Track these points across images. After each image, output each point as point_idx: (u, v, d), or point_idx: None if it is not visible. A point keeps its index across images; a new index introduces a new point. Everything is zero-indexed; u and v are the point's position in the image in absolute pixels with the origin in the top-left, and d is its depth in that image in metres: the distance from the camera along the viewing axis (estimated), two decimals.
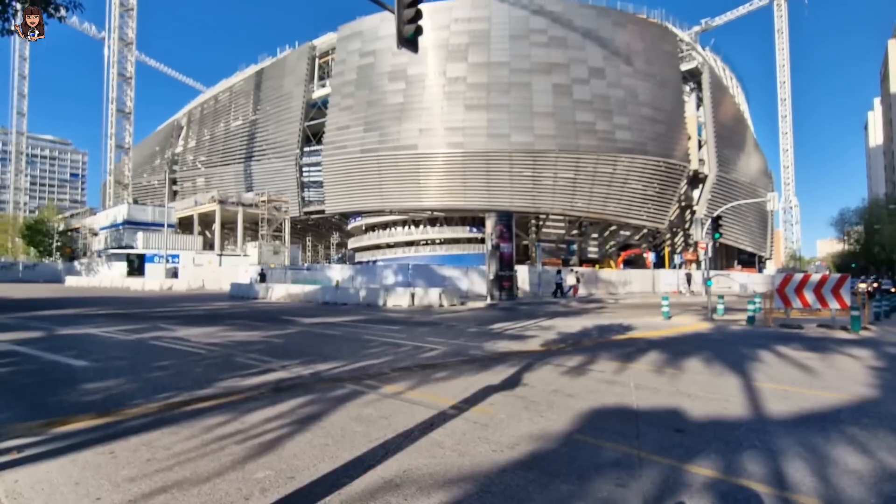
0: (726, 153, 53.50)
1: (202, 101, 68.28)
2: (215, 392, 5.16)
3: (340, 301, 21.47)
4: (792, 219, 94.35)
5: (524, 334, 10.71)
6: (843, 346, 9.24)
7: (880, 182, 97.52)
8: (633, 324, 13.19)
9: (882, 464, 3.40)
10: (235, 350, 8.01)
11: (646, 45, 48.78)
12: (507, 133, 44.17)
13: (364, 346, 8.74)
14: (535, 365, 6.93)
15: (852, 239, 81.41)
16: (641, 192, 46.54)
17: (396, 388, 5.44)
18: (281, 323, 12.67)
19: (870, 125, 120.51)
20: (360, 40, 50.06)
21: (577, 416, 4.43)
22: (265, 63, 59.87)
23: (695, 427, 4.18)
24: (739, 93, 67.53)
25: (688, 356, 7.89)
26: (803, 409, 4.77)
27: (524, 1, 47.28)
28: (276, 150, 55.11)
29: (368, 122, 48.04)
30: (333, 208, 51.66)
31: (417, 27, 7.19)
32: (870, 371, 6.87)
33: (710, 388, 5.64)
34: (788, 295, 13.03)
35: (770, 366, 7.16)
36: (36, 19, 6.17)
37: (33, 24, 6.14)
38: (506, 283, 23.64)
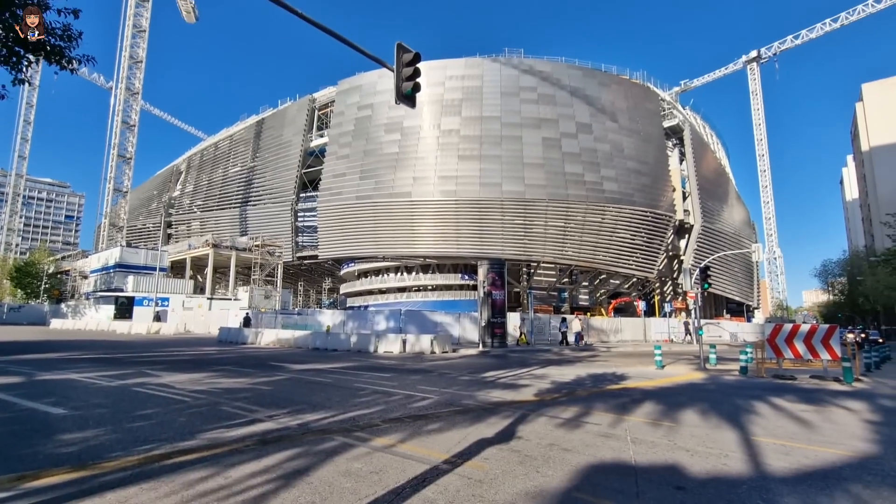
0: (710, 204, 55.03)
1: (203, 147, 69.73)
2: (198, 444, 4.96)
3: (331, 347, 21.07)
4: (777, 269, 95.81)
5: (518, 383, 10.52)
6: (838, 399, 9.17)
7: (859, 234, 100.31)
8: (627, 373, 13.03)
9: None
10: (221, 398, 7.76)
11: (629, 104, 51.23)
12: (498, 182, 45.27)
13: (354, 394, 8.52)
14: (529, 416, 6.78)
15: (836, 290, 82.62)
16: (630, 242, 47.31)
17: (387, 440, 5.28)
18: (269, 369, 12.34)
19: (845, 180, 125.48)
20: (359, 94, 52.10)
21: (574, 473, 4.30)
22: (266, 113, 61.78)
23: (695, 485, 4.07)
24: (719, 148, 70.40)
25: (684, 408, 7.77)
26: (804, 465, 4.68)
27: (514, 61, 49.93)
28: (273, 196, 55.80)
29: (364, 170, 49.11)
30: (327, 254, 51.71)
31: (415, 84, 7.55)
32: (867, 425, 6.80)
33: (709, 442, 5.53)
34: (779, 345, 13.04)
35: (767, 419, 7.06)
36: (36, 19, 6.26)
37: (33, 24, 6.22)
38: (498, 329, 23.43)
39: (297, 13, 6.98)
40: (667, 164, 52.51)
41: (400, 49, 7.60)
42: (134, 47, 56.20)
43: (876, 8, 75.99)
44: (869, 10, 76.58)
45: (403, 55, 7.54)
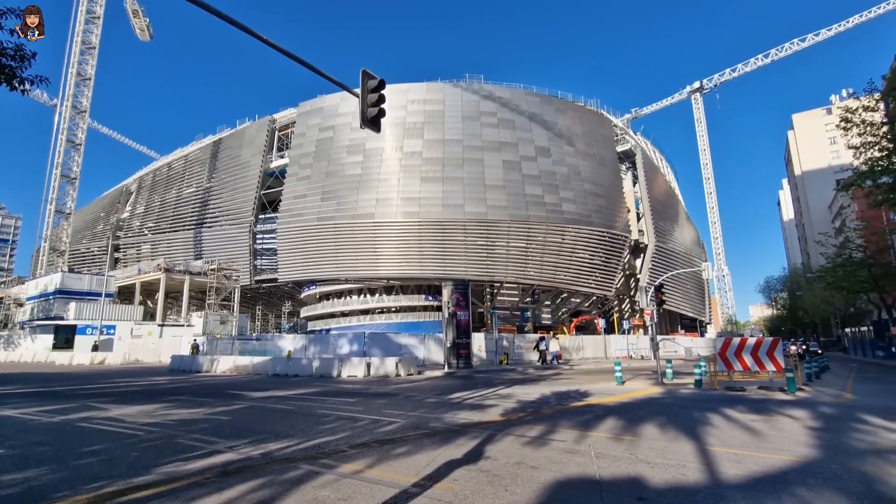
0: (662, 225, 57.78)
1: (155, 167, 67.08)
2: (155, 479, 4.72)
3: (292, 372, 20.41)
4: (725, 286, 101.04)
5: (484, 403, 10.56)
6: (783, 408, 9.74)
7: (797, 252, 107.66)
8: (590, 389, 13.34)
9: None
10: (177, 430, 7.39)
11: (585, 129, 53.61)
12: (461, 204, 45.90)
13: (319, 421, 8.31)
14: (496, 436, 6.83)
15: (779, 304, 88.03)
16: (589, 261, 48.81)
17: (355, 466, 5.19)
18: (227, 398, 11.84)
19: (782, 202, 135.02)
20: (320, 116, 51.95)
21: (542, 489, 4.39)
22: (224, 133, 60.36)
23: (656, 495, 4.24)
24: (669, 171, 74.43)
25: (643, 422, 8.04)
26: (754, 472, 4.96)
27: (475, 87, 51.41)
28: (230, 218, 54.13)
29: (326, 191, 48.63)
30: (287, 276, 50.40)
31: (380, 110, 7.71)
32: (809, 431, 7.26)
33: (668, 453, 5.76)
34: (730, 358, 13.75)
35: (720, 429, 7.41)
36: (36, 19, 6.07)
37: (33, 24, 6.05)
38: (463, 350, 23.45)
39: (259, 37, 6.99)
40: (621, 186, 54.93)
41: (365, 75, 7.76)
42: (82, 64, 53.90)
43: (801, 46, 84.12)
44: (795, 48, 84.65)
45: (369, 81, 7.70)
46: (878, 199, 19.44)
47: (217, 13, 6.11)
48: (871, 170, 18.42)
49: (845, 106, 19.62)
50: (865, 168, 18.69)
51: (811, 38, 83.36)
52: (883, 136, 18.51)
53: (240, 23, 6.43)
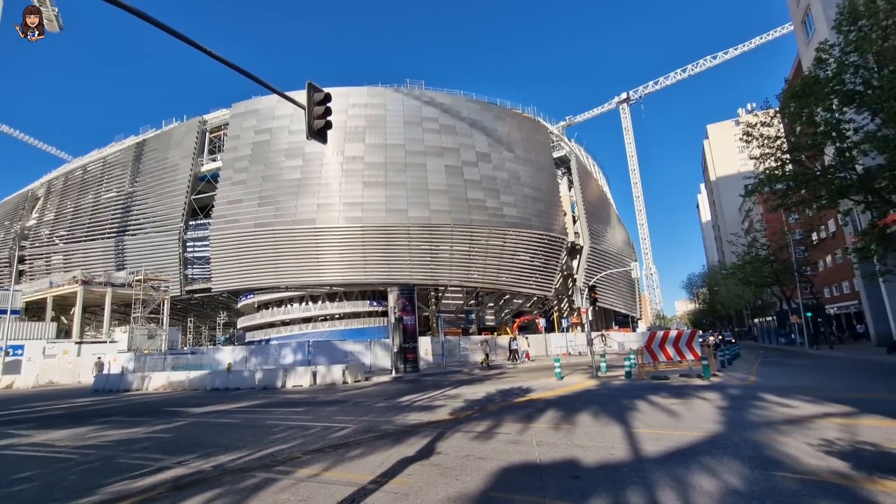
0: (596, 227, 61.14)
1: (68, 170, 61.28)
2: (102, 499, 4.64)
3: (233, 386, 19.67)
4: (653, 283, 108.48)
5: (433, 404, 10.91)
6: (699, 392, 10.90)
7: (714, 251, 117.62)
8: (532, 386, 14.09)
9: (726, 483, 4.26)
10: (116, 450, 7.10)
11: (523, 136, 55.68)
12: (404, 208, 46.06)
13: (268, 431, 8.28)
14: (446, 433, 7.21)
15: (700, 299, 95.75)
16: (529, 263, 50.67)
17: (311, 470, 5.36)
18: (166, 415, 11.34)
19: (700, 205, 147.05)
20: (256, 118, 50.07)
21: (489, 476, 4.81)
22: (148, 134, 56.40)
23: (588, 473, 4.80)
24: (601, 176, 78.88)
25: (579, 412, 8.75)
26: (670, 447, 5.68)
27: (416, 92, 51.86)
28: (157, 225, 50.67)
29: (263, 196, 46.92)
30: (222, 286, 47.99)
31: (327, 122, 7.86)
32: (718, 410, 8.27)
33: (599, 438, 6.41)
34: (655, 350, 15.06)
35: (645, 413, 8.25)
36: (36, 19, 6.01)
37: (33, 24, 5.99)
38: (410, 354, 23.68)
39: (187, 40, 6.84)
40: (558, 190, 57.53)
41: (311, 88, 7.88)
42: None
43: (713, 62, 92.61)
44: (708, 64, 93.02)
45: (315, 94, 7.83)
46: (774, 203, 22.00)
47: (133, 11, 5.87)
48: (768, 178, 20.81)
49: (746, 122, 22.07)
50: (764, 176, 21.10)
51: (721, 55, 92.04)
52: (777, 148, 21.01)
53: (157, 20, 6.20)
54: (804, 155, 20.29)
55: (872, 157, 17.95)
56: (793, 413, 7.65)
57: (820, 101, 18.26)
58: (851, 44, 17.42)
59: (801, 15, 31.06)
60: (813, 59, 19.66)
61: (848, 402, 8.41)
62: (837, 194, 19.37)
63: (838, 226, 36.37)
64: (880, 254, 19.20)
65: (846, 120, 18.34)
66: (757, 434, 6.19)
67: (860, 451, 5.09)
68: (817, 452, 5.11)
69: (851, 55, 17.68)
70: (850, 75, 17.78)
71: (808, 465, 4.67)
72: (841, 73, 17.86)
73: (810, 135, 19.28)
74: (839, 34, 18.08)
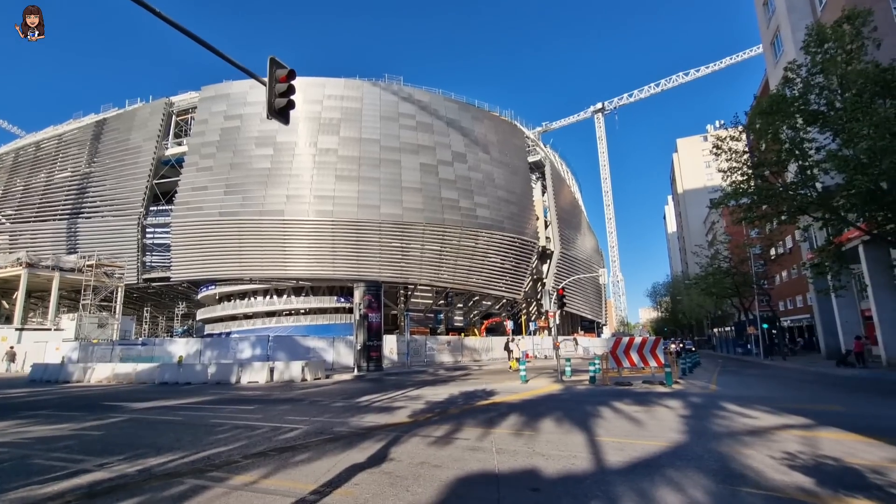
0: (567, 233, 61.90)
1: (19, 146, 57.55)
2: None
3: (184, 380, 18.66)
4: (619, 290, 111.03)
5: (392, 406, 10.48)
6: (661, 399, 10.86)
7: (678, 261, 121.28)
8: (496, 388, 13.83)
9: (692, 499, 4.02)
10: (33, 449, 6.38)
11: (499, 138, 55.75)
12: (377, 204, 45.29)
13: (210, 431, 7.67)
14: (403, 438, 6.81)
15: (663, 307, 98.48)
16: (500, 266, 50.75)
17: (248, 477, 4.86)
18: (102, 410, 10.49)
19: (667, 216, 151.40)
20: (226, 103, 48.27)
21: (442, 487, 4.43)
22: (109, 113, 53.56)
23: (549, 485, 4.49)
24: (574, 183, 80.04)
25: (542, 417, 8.50)
26: (633, 458, 5.45)
27: (394, 88, 51.14)
28: (115, 208, 48.12)
29: (231, 184, 45.25)
30: (182, 275, 46.00)
31: (289, 101, 7.33)
32: (681, 419, 8.17)
33: (561, 446, 6.14)
34: (619, 356, 15.07)
35: (608, 421, 8.07)
36: (36, 19, 5.85)
37: (33, 24, 5.84)
38: (374, 353, 23.11)
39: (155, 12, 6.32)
40: (531, 195, 57.90)
41: (273, 64, 7.33)
42: None
43: (685, 79, 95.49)
44: (681, 80, 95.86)
45: (277, 70, 7.29)
46: (739, 216, 22.59)
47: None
48: (734, 191, 21.33)
49: (717, 135, 22.59)
50: (730, 189, 21.63)
51: (693, 72, 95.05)
52: (744, 162, 21.57)
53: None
54: (769, 171, 20.84)
55: (832, 176, 18.58)
56: (754, 424, 7.61)
57: (786, 118, 18.79)
58: (818, 65, 17.99)
59: (770, 36, 32.16)
60: (781, 77, 20.25)
61: (806, 414, 8.47)
62: (798, 210, 19.99)
63: (795, 242, 37.92)
64: (835, 270, 19.92)
65: (809, 139, 18.95)
66: (720, 445, 6.05)
67: (823, 466, 4.98)
68: (781, 466, 4.97)
69: (817, 76, 18.27)
70: (815, 96, 18.37)
71: (774, 480, 4.51)
72: (807, 93, 18.43)
73: (775, 151, 19.83)
74: (807, 55, 18.65)
